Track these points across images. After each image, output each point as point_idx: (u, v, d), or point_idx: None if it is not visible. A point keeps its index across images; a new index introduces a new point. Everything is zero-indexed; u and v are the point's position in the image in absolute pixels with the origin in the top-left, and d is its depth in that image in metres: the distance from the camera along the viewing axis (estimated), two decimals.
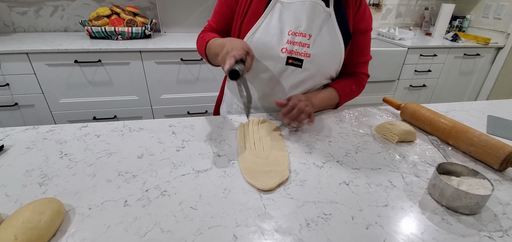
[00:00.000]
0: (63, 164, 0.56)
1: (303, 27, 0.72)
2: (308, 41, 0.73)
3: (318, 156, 0.63)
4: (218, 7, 0.82)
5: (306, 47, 0.73)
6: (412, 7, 2.60)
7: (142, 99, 1.76)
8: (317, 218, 0.46)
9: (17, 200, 0.47)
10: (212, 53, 0.75)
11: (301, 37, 0.73)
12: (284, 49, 0.73)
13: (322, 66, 0.78)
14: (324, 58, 0.76)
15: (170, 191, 0.50)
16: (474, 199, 0.46)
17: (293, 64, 0.75)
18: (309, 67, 0.76)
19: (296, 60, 0.74)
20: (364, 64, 0.87)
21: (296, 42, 0.73)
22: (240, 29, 0.77)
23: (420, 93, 2.33)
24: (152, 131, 0.70)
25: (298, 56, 0.74)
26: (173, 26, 2.08)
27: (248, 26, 0.75)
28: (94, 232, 0.42)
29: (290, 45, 0.73)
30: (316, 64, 0.76)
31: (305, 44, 0.73)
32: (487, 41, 2.22)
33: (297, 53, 0.74)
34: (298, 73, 0.76)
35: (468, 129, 0.66)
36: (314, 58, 0.74)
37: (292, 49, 0.73)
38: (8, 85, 1.53)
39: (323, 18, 0.73)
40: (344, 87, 0.85)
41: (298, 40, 0.73)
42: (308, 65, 0.75)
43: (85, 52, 1.54)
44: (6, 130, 0.68)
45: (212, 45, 0.74)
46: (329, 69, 0.80)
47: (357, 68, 0.86)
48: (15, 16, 1.85)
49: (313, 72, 0.77)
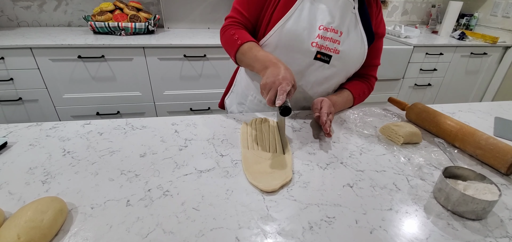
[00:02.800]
0: (66, 162, 0.56)
1: (335, 23, 0.72)
2: (339, 37, 0.73)
3: (322, 157, 0.62)
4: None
5: (336, 44, 0.73)
6: (419, 4, 2.57)
7: (145, 95, 1.76)
8: (321, 221, 0.45)
9: (20, 198, 0.47)
10: (245, 61, 0.73)
11: (333, 33, 0.72)
12: (314, 43, 0.73)
13: (348, 65, 0.78)
14: (351, 57, 0.77)
15: (172, 191, 0.50)
16: (481, 205, 0.46)
17: (321, 59, 0.74)
18: (336, 64, 0.76)
19: (324, 56, 0.74)
20: (374, 68, 0.87)
21: (328, 38, 0.72)
22: (271, 18, 0.74)
23: (425, 92, 2.31)
24: (154, 129, 0.70)
25: (328, 52, 0.74)
26: (176, 22, 2.07)
27: (279, 15, 0.73)
28: (97, 232, 0.41)
29: (321, 40, 0.72)
30: (343, 62, 0.76)
31: (336, 40, 0.73)
32: (495, 40, 2.18)
33: (327, 49, 0.73)
34: (325, 69, 0.76)
35: (475, 132, 0.65)
36: (342, 55, 0.75)
37: (323, 44, 0.73)
38: (12, 80, 1.54)
39: (351, 18, 0.74)
40: (358, 90, 0.85)
41: (329, 36, 0.72)
42: (336, 62, 0.75)
43: (89, 48, 1.54)
44: (9, 126, 0.68)
45: (248, 53, 0.71)
46: (353, 68, 0.80)
47: (368, 70, 0.86)
48: (19, 10, 1.85)
49: (339, 70, 0.77)
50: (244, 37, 0.73)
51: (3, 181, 0.51)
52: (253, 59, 0.69)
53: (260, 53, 0.68)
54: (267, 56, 0.67)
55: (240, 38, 0.73)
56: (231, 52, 0.76)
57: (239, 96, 0.92)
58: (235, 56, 0.75)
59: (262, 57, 0.67)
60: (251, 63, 0.70)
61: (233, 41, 0.74)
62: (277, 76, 0.60)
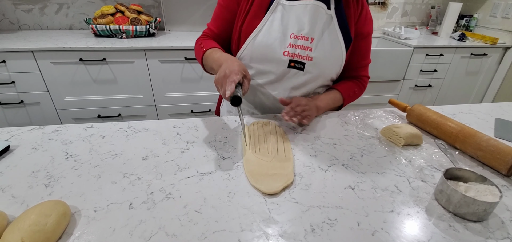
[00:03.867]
0: (68, 165, 0.57)
1: (305, 30, 0.72)
2: (311, 44, 0.73)
3: (323, 159, 0.62)
4: (218, 11, 0.81)
5: (308, 51, 0.73)
6: (418, 5, 2.57)
7: (146, 97, 1.77)
8: (322, 224, 0.45)
9: (23, 201, 0.47)
10: (208, 65, 0.76)
11: (304, 41, 0.72)
12: (286, 52, 0.73)
13: (323, 69, 0.78)
14: (326, 61, 0.76)
15: (174, 194, 0.50)
16: (482, 206, 0.46)
17: (295, 67, 0.75)
18: (311, 70, 0.76)
19: (298, 64, 0.74)
20: (364, 67, 0.88)
21: (299, 46, 0.73)
22: (240, 31, 0.76)
23: (425, 93, 2.31)
24: (156, 132, 0.70)
25: (300, 60, 0.74)
26: (177, 25, 2.08)
27: (249, 28, 0.74)
28: (100, 235, 0.42)
29: (292, 48, 0.73)
30: (318, 67, 0.76)
31: (308, 47, 0.73)
32: (495, 41, 2.18)
33: (299, 57, 0.73)
34: (300, 75, 0.76)
35: (476, 133, 0.65)
36: (316, 61, 0.74)
37: (294, 52, 0.73)
38: (14, 83, 1.55)
39: (325, 21, 0.73)
40: (347, 90, 0.85)
41: (300, 44, 0.72)
42: (310, 68, 0.75)
43: (90, 51, 1.55)
44: (12, 129, 0.68)
45: (208, 57, 0.74)
46: (330, 72, 0.80)
47: (359, 71, 0.87)
48: (20, 13, 1.86)
49: (315, 75, 0.77)
50: (208, 44, 0.77)
51: (6, 185, 0.51)
52: (212, 60, 0.72)
53: (217, 55, 0.71)
54: (222, 55, 0.70)
55: (205, 46, 0.77)
56: (199, 60, 0.80)
57: (228, 104, 0.94)
58: (202, 64, 0.79)
59: (217, 57, 0.70)
60: (211, 65, 0.73)
61: (199, 50, 0.79)
62: (226, 69, 0.62)
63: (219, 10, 0.80)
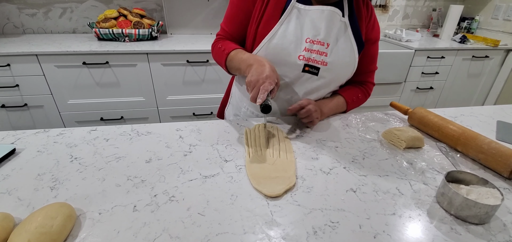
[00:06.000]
0: (73, 168, 0.57)
1: (321, 35, 0.72)
2: (326, 49, 0.73)
3: (325, 162, 0.63)
4: (231, 11, 0.79)
5: (324, 56, 0.74)
6: (420, 8, 2.58)
7: (148, 100, 1.78)
8: (325, 226, 0.46)
9: (29, 204, 0.48)
10: (233, 67, 0.76)
11: (319, 46, 0.73)
12: (301, 56, 0.73)
13: (337, 75, 0.78)
14: (340, 67, 0.77)
15: (178, 196, 0.51)
16: (484, 209, 0.46)
17: (309, 71, 0.75)
18: (325, 75, 0.76)
19: (312, 68, 0.75)
20: (371, 73, 0.88)
21: (314, 50, 0.73)
22: (256, 33, 0.76)
23: (427, 95, 2.31)
24: (159, 135, 0.71)
25: (315, 64, 0.74)
26: (179, 28, 2.09)
27: (264, 31, 0.74)
28: (105, 237, 0.42)
29: (307, 53, 0.73)
30: (332, 73, 0.77)
31: (323, 52, 0.73)
32: (497, 43, 2.18)
33: (315, 61, 0.74)
34: (314, 80, 0.77)
35: (478, 136, 0.65)
36: (331, 67, 0.75)
37: (310, 57, 0.74)
38: (18, 86, 1.56)
39: (339, 28, 0.74)
40: (351, 95, 0.85)
41: (316, 49, 0.73)
42: (324, 73, 0.76)
43: (93, 54, 1.56)
44: (17, 133, 0.69)
45: (234, 58, 0.74)
46: (343, 77, 0.81)
47: (365, 77, 0.87)
48: (25, 17, 1.88)
49: (328, 80, 0.78)
50: (230, 46, 0.77)
51: (13, 187, 0.52)
52: (239, 61, 0.72)
53: (245, 55, 0.71)
54: (250, 56, 0.70)
55: (226, 48, 0.77)
56: (221, 63, 0.79)
57: (235, 108, 0.94)
58: (226, 66, 0.78)
59: (246, 57, 0.70)
60: (238, 66, 0.73)
61: (221, 53, 0.78)
62: (261, 74, 0.62)
63: (233, 11, 0.79)
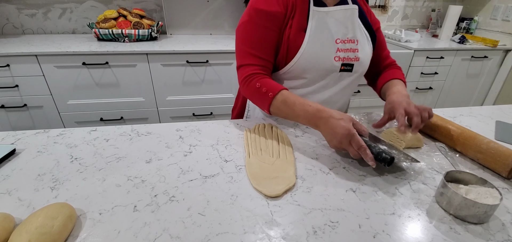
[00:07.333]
0: (73, 168, 0.58)
1: (350, 34, 0.76)
2: (357, 46, 0.77)
3: (325, 162, 0.63)
4: (262, 34, 0.72)
5: (356, 52, 0.78)
6: (419, 8, 2.58)
7: (148, 101, 1.78)
8: (324, 226, 0.46)
9: (29, 204, 0.48)
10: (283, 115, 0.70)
11: (351, 44, 0.76)
12: (336, 57, 0.76)
13: (365, 66, 0.83)
14: (367, 58, 0.82)
15: (178, 196, 0.51)
16: (483, 208, 0.46)
17: (345, 70, 0.78)
18: (358, 69, 0.80)
19: (347, 66, 0.78)
20: (388, 57, 0.93)
21: (347, 49, 0.76)
22: (288, 45, 0.73)
23: (426, 96, 2.31)
24: (159, 135, 0.71)
25: (350, 62, 0.77)
26: (179, 28, 2.09)
27: (298, 41, 0.72)
28: (105, 237, 0.42)
29: (342, 53, 0.76)
30: (362, 65, 0.81)
31: (355, 49, 0.77)
32: (495, 44, 2.19)
33: (349, 59, 0.77)
34: (349, 76, 0.81)
35: (476, 136, 0.66)
36: (362, 60, 0.79)
37: (345, 56, 0.76)
38: (18, 86, 1.56)
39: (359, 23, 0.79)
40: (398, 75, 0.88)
41: (348, 47, 0.76)
42: (357, 67, 0.80)
43: (93, 55, 1.56)
44: (17, 133, 0.69)
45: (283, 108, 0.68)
46: (367, 66, 0.85)
47: (386, 60, 0.92)
48: (24, 18, 1.88)
49: (360, 73, 0.83)
50: (273, 87, 0.70)
51: (13, 188, 0.52)
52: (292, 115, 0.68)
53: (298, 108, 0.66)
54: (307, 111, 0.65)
55: (269, 89, 0.69)
56: (263, 106, 0.73)
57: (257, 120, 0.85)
58: (269, 110, 0.72)
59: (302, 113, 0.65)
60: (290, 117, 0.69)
61: (262, 95, 0.70)
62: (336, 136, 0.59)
63: (263, 33, 0.72)
